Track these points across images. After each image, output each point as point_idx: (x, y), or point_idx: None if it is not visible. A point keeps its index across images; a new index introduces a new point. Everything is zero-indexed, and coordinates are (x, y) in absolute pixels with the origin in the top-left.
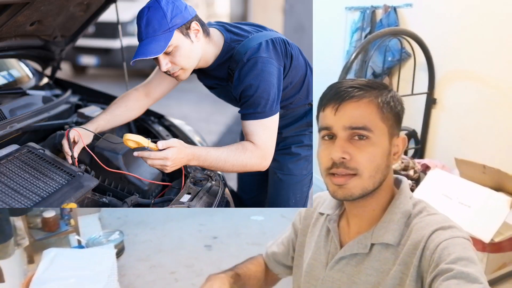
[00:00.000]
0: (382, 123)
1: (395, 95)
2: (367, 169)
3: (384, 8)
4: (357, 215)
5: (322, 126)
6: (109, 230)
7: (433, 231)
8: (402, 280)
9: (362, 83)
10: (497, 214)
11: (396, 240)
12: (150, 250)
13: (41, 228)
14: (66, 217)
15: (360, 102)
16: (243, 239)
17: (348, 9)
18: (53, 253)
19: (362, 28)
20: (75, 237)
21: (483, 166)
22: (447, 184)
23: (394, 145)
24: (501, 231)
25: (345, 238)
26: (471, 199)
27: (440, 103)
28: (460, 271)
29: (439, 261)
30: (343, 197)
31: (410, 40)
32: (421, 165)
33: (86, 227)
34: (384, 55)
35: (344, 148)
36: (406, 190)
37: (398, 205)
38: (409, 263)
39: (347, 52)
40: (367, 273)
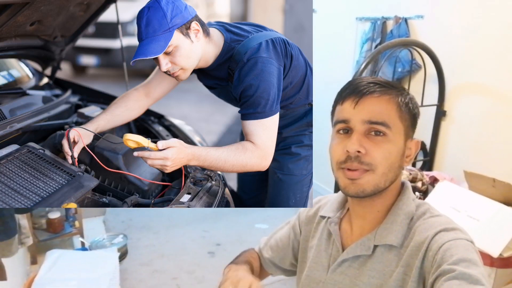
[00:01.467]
0: (400, 121)
1: (413, 98)
2: (381, 165)
3: (395, 19)
4: (362, 216)
5: (339, 119)
6: (113, 233)
7: (436, 232)
8: (404, 281)
9: (383, 81)
10: (506, 228)
11: (399, 241)
12: (153, 254)
13: (45, 229)
14: (71, 218)
15: (381, 98)
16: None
17: (359, 20)
18: (56, 255)
19: (373, 39)
20: (79, 239)
21: (493, 180)
22: (455, 197)
23: (408, 148)
24: (510, 246)
25: (347, 241)
26: (480, 212)
27: (449, 116)
28: (462, 272)
29: (442, 262)
30: (355, 193)
31: (420, 52)
32: (429, 177)
33: (90, 229)
34: (394, 66)
35: (361, 141)
36: (409, 192)
37: (401, 206)
38: (411, 264)
39: (357, 62)
40: (369, 275)
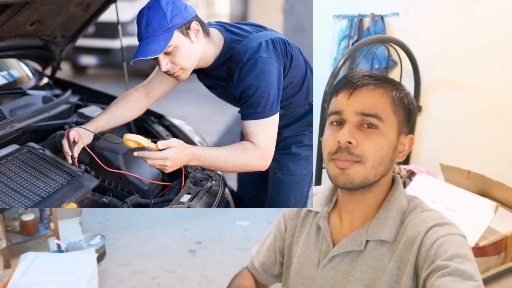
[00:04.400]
0: (393, 115)
1: (409, 94)
2: (371, 158)
3: (372, 17)
4: (352, 210)
5: (332, 110)
6: (90, 234)
7: (429, 227)
8: (398, 276)
9: (379, 75)
10: (482, 219)
11: (392, 236)
12: (132, 255)
13: (19, 232)
14: (46, 220)
15: (375, 90)
16: (228, 244)
17: (336, 17)
18: (31, 258)
19: (350, 36)
20: (54, 241)
21: (468, 172)
22: (432, 189)
23: (401, 143)
24: (486, 236)
25: (338, 236)
26: (457, 204)
27: (425, 111)
28: (456, 268)
29: (435, 258)
30: (344, 183)
31: (397, 48)
32: (406, 171)
33: (66, 231)
34: (371, 62)
35: (352, 133)
36: (400, 187)
37: (393, 201)
38: (405, 259)
39: (334, 59)
40: (361, 270)
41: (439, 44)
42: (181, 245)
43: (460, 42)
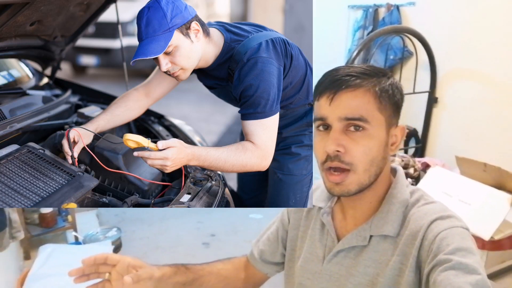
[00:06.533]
0: (379, 113)
1: (394, 82)
2: (361, 163)
3: (387, 7)
4: (354, 207)
5: (317, 116)
6: (106, 227)
7: (431, 221)
8: (401, 270)
9: (359, 71)
10: (497, 212)
11: (395, 231)
12: (147, 247)
13: (38, 224)
14: (64, 213)
15: (356, 91)
16: (241, 237)
17: (351, 8)
18: (49, 249)
19: (365, 27)
20: (72, 234)
21: (484, 164)
22: (447, 182)
23: (392, 135)
24: (501, 229)
25: (342, 231)
26: (471, 197)
27: (441, 102)
28: (459, 262)
29: (438, 252)
30: (340, 194)
31: (412, 39)
32: (421, 164)
33: (83, 223)
34: (386, 53)
35: (338, 140)
36: (402, 179)
37: (395, 194)
38: (408, 253)
39: (349, 50)
40: (365, 265)
41: (455, 34)
42: (195, 238)
43: (477, 32)
